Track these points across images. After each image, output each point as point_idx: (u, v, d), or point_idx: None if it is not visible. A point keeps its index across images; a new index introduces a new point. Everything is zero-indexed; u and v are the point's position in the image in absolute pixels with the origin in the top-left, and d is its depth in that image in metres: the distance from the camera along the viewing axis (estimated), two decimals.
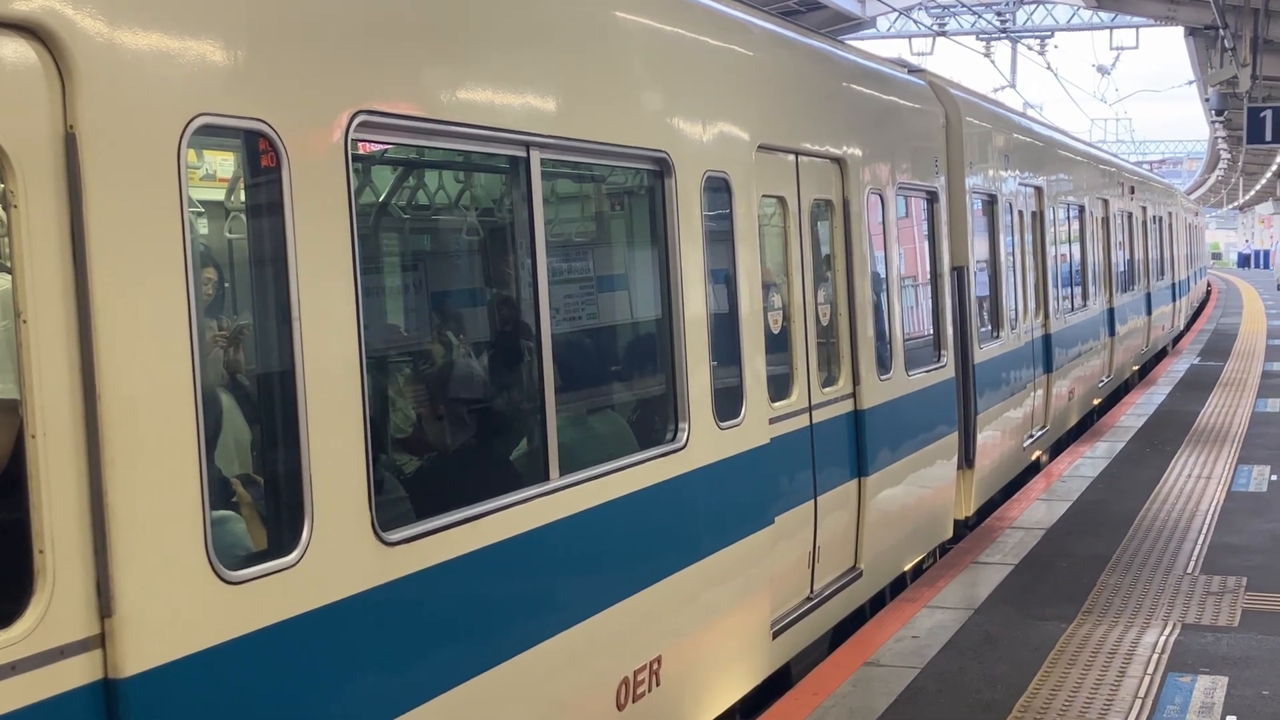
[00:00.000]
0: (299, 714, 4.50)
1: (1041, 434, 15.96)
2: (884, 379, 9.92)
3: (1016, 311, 14.78)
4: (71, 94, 3.78)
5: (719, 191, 7.52)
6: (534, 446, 6.09)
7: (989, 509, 13.50)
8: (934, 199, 11.74)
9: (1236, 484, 14.29)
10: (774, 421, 8.07)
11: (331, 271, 4.67)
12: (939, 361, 11.55)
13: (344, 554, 4.67)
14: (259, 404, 4.84)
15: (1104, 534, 12.05)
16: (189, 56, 4.15)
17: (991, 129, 13.96)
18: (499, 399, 6.47)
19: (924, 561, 11.35)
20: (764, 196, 8.22)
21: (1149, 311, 27.36)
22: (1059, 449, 17.38)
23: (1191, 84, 35.85)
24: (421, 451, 6.17)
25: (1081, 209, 19.54)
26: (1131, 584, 10.32)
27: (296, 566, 4.46)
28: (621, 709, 6.44)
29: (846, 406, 9.33)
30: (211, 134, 4.35)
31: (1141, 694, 7.91)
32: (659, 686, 6.73)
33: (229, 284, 5.15)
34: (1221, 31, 21.75)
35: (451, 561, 5.20)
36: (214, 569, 4.14)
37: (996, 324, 13.92)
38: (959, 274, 12.30)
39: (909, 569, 10.84)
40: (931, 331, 11.78)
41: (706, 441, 7.20)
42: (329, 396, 4.62)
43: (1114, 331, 22.15)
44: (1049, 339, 16.24)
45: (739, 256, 7.68)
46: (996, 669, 8.43)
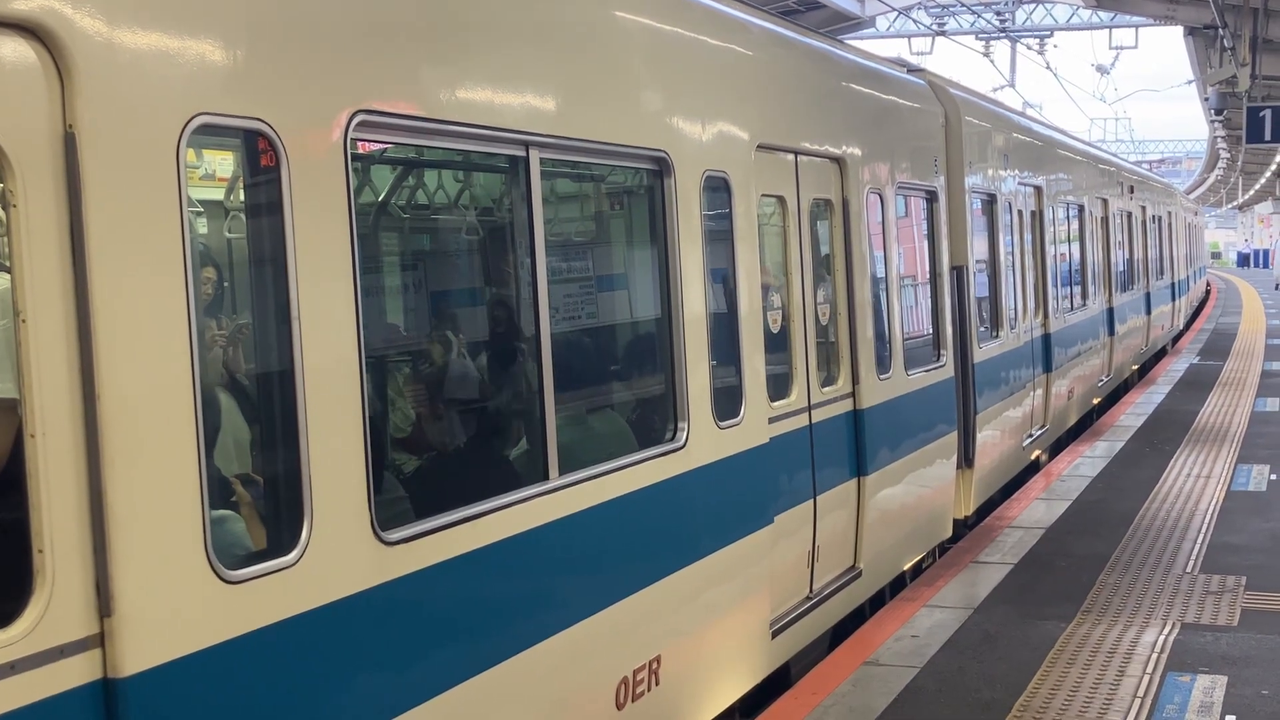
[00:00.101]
0: (299, 713, 4.50)
1: (1041, 433, 15.97)
2: (883, 378, 9.93)
3: (1016, 311, 14.78)
4: (71, 93, 3.78)
5: (718, 191, 7.53)
6: (533, 446, 6.09)
7: (988, 508, 13.50)
8: (933, 198, 11.74)
9: (1236, 483, 14.29)
10: (773, 421, 8.07)
11: (331, 271, 4.67)
12: (938, 361, 11.56)
13: (343, 553, 4.67)
14: (258, 403, 4.84)
15: (1103, 533, 12.06)
16: (188, 56, 4.15)
17: (991, 128, 13.96)
18: (498, 398, 6.47)
19: (923, 561, 11.35)
20: (763, 196, 8.22)
21: (1148, 311, 27.36)
22: (1058, 448, 17.38)
23: (1191, 83, 35.85)
24: (421, 451, 6.17)
25: (1081, 208, 19.54)
26: (1131, 583, 10.33)
27: (296, 566, 4.46)
28: (621, 708, 6.44)
29: (846, 406, 9.33)
30: (211, 133, 4.35)
31: (1141, 693, 7.91)
32: (658, 686, 6.73)
33: (228, 283, 5.14)
34: (1221, 31, 21.75)
35: (451, 561, 5.20)
36: (213, 568, 4.14)
37: (996, 323, 13.92)
38: (958, 273, 12.30)
39: (908, 568, 10.84)
40: (931, 331, 11.78)
41: (706, 441, 7.20)
42: (328, 396, 4.62)
43: (1113, 331, 22.15)
44: (1048, 338, 16.25)
45: (738, 256, 7.69)
46: (996, 668, 8.43)
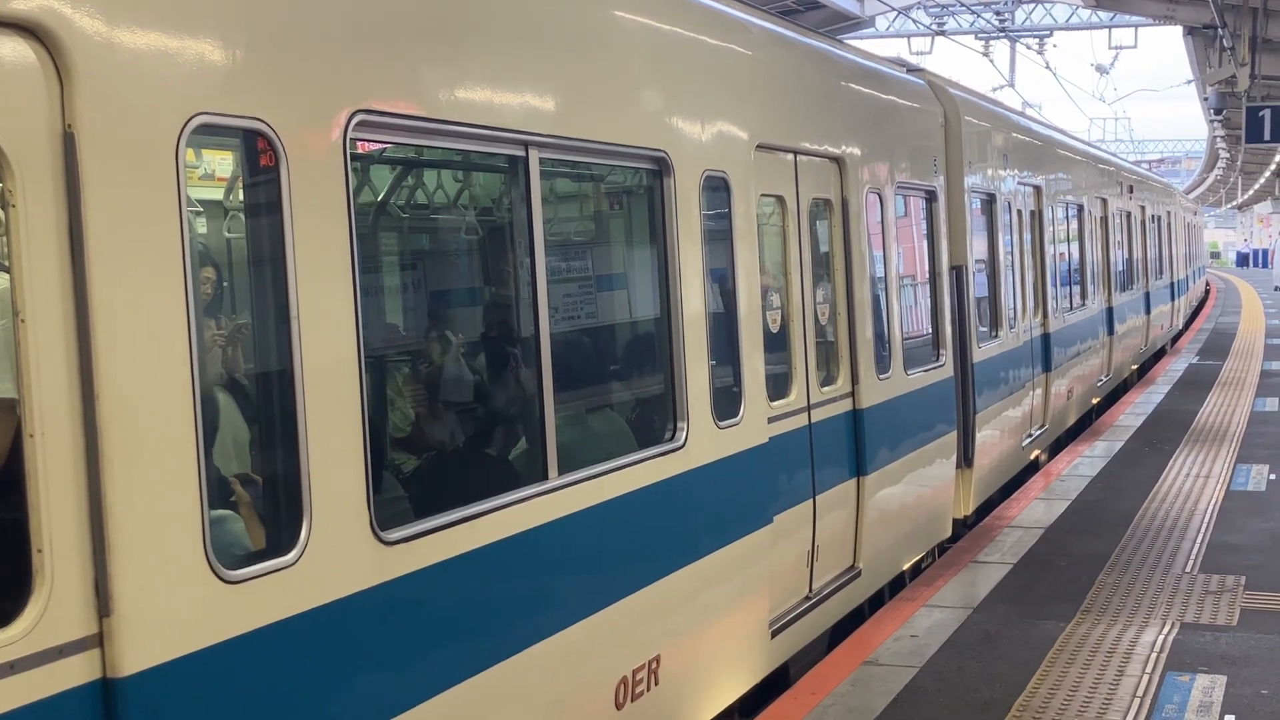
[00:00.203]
0: (298, 713, 4.50)
1: (1040, 433, 15.97)
2: (883, 378, 9.93)
3: (1015, 311, 14.79)
4: (70, 93, 3.78)
5: (718, 191, 7.53)
6: (532, 445, 6.09)
7: (988, 508, 13.51)
8: (933, 198, 11.74)
9: (1235, 483, 14.30)
10: (773, 421, 8.07)
11: (330, 271, 4.67)
12: (938, 361, 11.56)
13: (342, 553, 4.67)
14: (258, 403, 4.84)
15: (1103, 533, 12.06)
16: (187, 56, 4.15)
17: (990, 128, 13.96)
18: (497, 398, 6.46)
19: (923, 560, 11.35)
20: (763, 196, 8.22)
21: (1147, 310, 27.37)
22: (1058, 448, 17.39)
23: (1190, 83, 35.83)
24: (420, 450, 6.17)
25: (1080, 208, 19.55)
26: (1130, 583, 10.33)
27: (295, 566, 4.45)
28: (620, 708, 6.44)
29: (845, 406, 9.33)
30: (210, 133, 4.35)
31: (1140, 693, 7.91)
32: (658, 686, 6.73)
33: (228, 283, 5.14)
34: (1220, 31, 21.74)
35: (450, 561, 5.20)
36: (212, 568, 4.14)
37: (995, 323, 13.92)
38: (958, 273, 12.30)
39: (908, 568, 10.84)
40: (930, 331, 11.78)
41: (705, 441, 7.20)
42: (327, 396, 4.62)
43: (1113, 330, 22.15)
44: (1047, 338, 16.25)
45: (738, 256, 7.69)
46: (995, 668, 8.43)
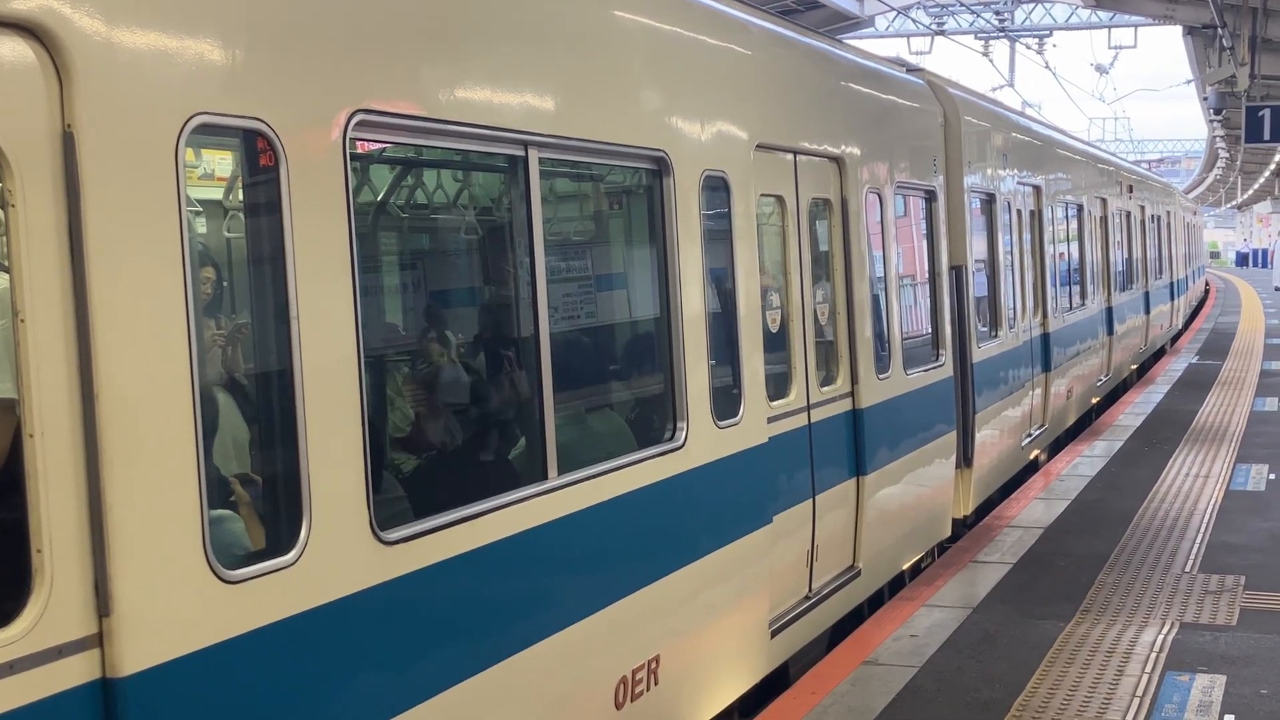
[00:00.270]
0: (297, 713, 4.49)
1: (1040, 433, 15.97)
2: (882, 378, 9.93)
3: (1015, 310, 14.79)
4: (69, 93, 3.78)
5: (717, 190, 7.52)
6: (532, 445, 6.09)
7: (987, 508, 13.51)
8: (932, 198, 11.74)
9: (1235, 483, 14.30)
10: (772, 420, 8.07)
11: (330, 270, 4.67)
12: (937, 360, 11.56)
13: (342, 553, 4.67)
14: (257, 403, 4.83)
15: (1102, 533, 12.06)
16: (187, 56, 4.15)
17: (990, 128, 13.96)
18: (497, 398, 6.46)
19: (922, 560, 11.35)
20: (762, 195, 8.22)
21: (1147, 310, 27.37)
22: (1057, 448, 17.39)
23: (1190, 83, 35.84)
24: (419, 450, 6.17)
25: (1080, 208, 19.55)
26: (1130, 583, 10.33)
27: (295, 566, 4.45)
28: (620, 708, 6.44)
29: (845, 405, 9.33)
30: (209, 133, 4.35)
31: (1140, 692, 7.91)
32: (657, 685, 6.73)
33: (227, 283, 5.14)
34: (1220, 30, 21.74)
35: (450, 560, 5.20)
36: (212, 568, 4.14)
37: (995, 323, 13.92)
38: (957, 273, 12.30)
39: (907, 568, 10.84)
40: (930, 330, 11.78)
41: (705, 441, 7.20)
42: (327, 395, 4.62)
43: (1112, 330, 22.15)
44: (1047, 338, 16.25)
45: (737, 255, 7.69)
46: (995, 667, 8.43)
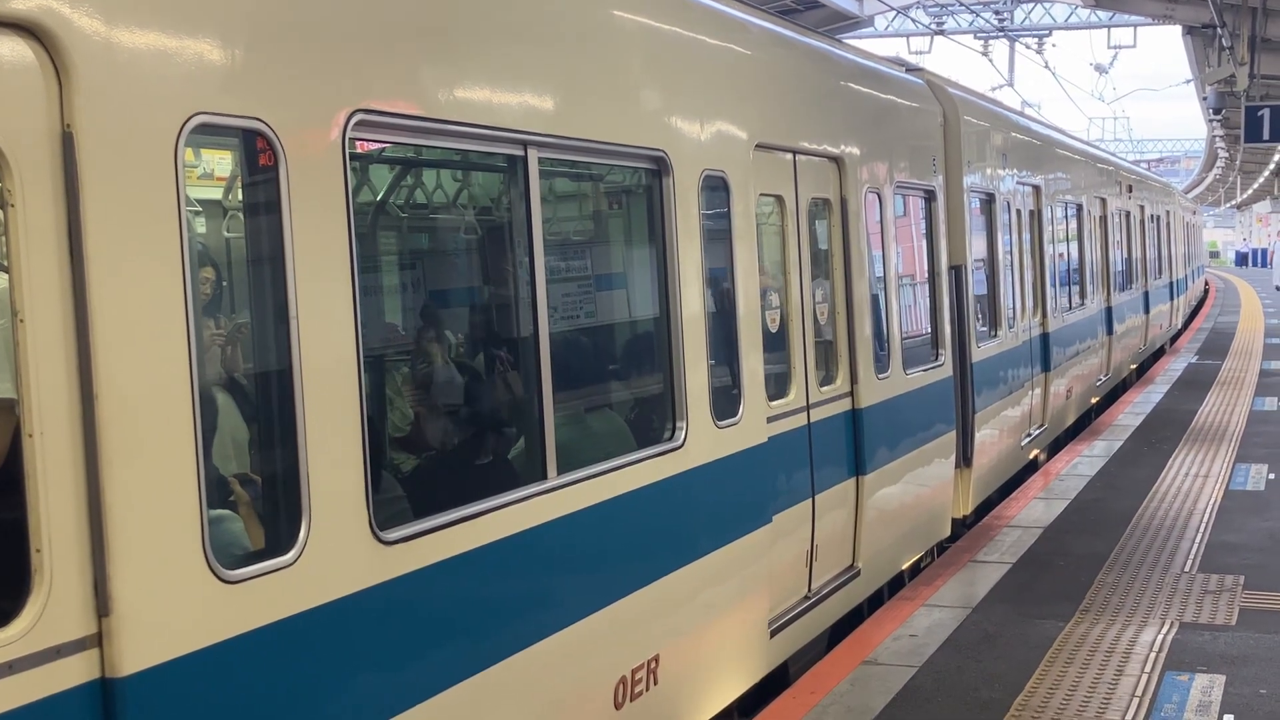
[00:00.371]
0: (297, 713, 4.49)
1: (1039, 432, 15.97)
2: (882, 378, 9.93)
3: (1014, 310, 14.79)
4: (68, 93, 3.78)
5: (717, 190, 7.52)
6: (531, 445, 6.09)
7: (987, 508, 13.51)
8: (932, 198, 11.74)
9: (1234, 482, 14.30)
10: (772, 420, 8.07)
11: (329, 270, 4.67)
12: (937, 360, 11.56)
13: (341, 553, 4.67)
14: (257, 403, 4.83)
15: (1102, 532, 12.06)
16: (186, 55, 4.15)
17: (989, 128, 13.96)
18: (496, 397, 6.46)
19: (922, 560, 11.35)
20: (762, 195, 8.22)
21: (1147, 310, 27.37)
22: (1057, 447, 17.39)
23: (1189, 83, 35.83)
24: (419, 450, 6.16)
25: (1079, 208, 19.55)
26: (1129, 582, 10.33)
27: (294, 565, 4.45)
28: (619, 708, 6.44)
29: (844, 405, 9.33)
30: (209, 133, 4.35)
31: (1139, 692, 7.91)
32: (657, 685, 6.73)
33: (227, 283, 5.14)
34: (1219, 30, 21.74)
35: (449, 560, 5.20)
36: (211, 568, 4.14)
37: (994, 323, 13.92)
38: (957, 273, 12.30)
39: (907, 567, 10.84)
40: (929, 330, 11.78)
41: (704, 440, 7.20)
42: (327, 395, 4.62)
43: (1112, 330, 22.15)
44: (1047, 338, 16.25)
45: (737, 255, 7.69)
46: (994, 667, 8.43)
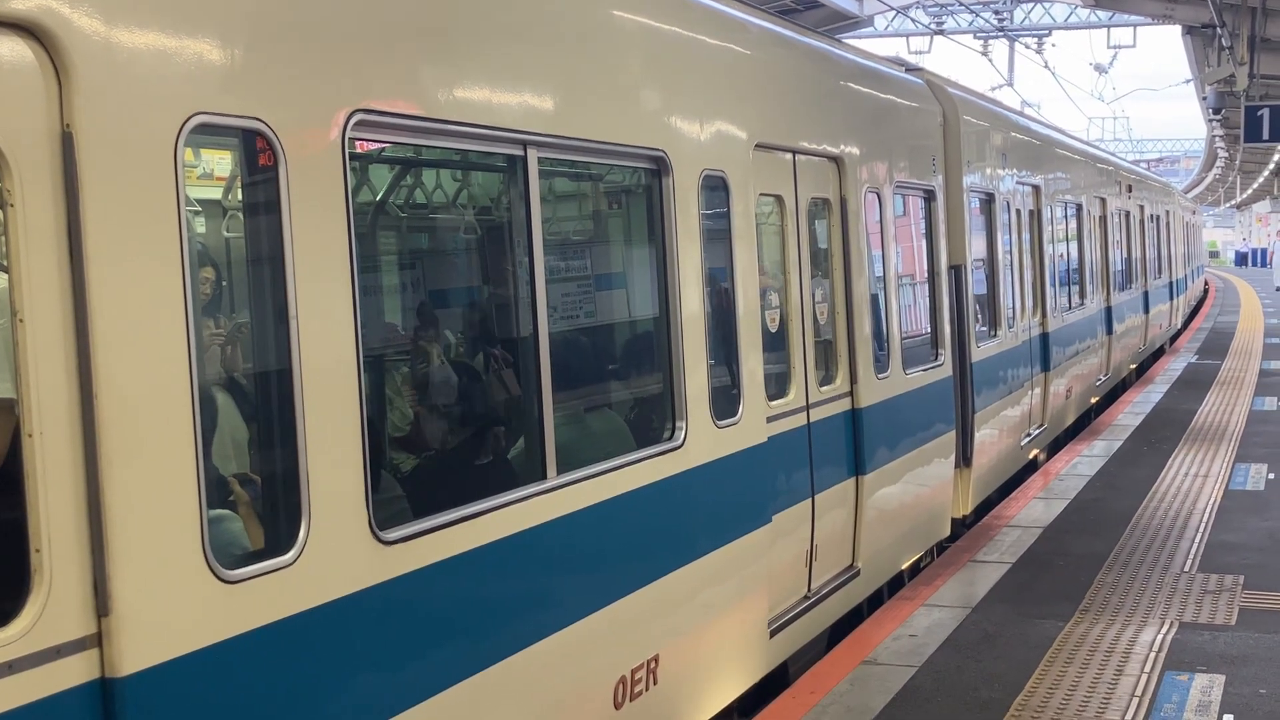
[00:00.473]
0: (297, 713, 4.49)
1: (1039, 432, 15.97)
2: (881, 378, 9.93)
3: (1014, 310, 14.79)
4: (68, 93, 3.78)
5: (716, 190, 7.52)
6: (531, 445, 6.09)
7: (986, 507, 13.51)
8: (931, 197, 11.74)
9: (1234, 482, 14.30)
10: (771, 420, 8.07)
11: (329, 270, 4.67)
12: (936, 360, 11.56)
13: (341, 553, 4.67)
14: (256, 403, 4.83)
15: (1101, 532, 12.06)
16: (186, 55, 4.15)
17: (989, 127, 13.96)
18: (496, 397, 6.47)
19: (921, 560, 11.35)
20: (761, 195, 8.22)
21: (1146, 310, 27.37)
22: (1056, 447, 17.39)
23: (1189, 82, 35.83)
24: (418, 450, 6.17)
25: (1079, 207, 19.55)
26: (1129, 582, 10.33)
27: (294, 565, 4.45)
28: (619, 708, 6.44)
29: (844, 405, 9.33)
30: (208, 133, 4.35)
31: (1139, 692, 7.91)
32: (656, 685, 6.73)
33: (226, 283, 5.14)
34: (1219, 30, 21.74)
35: (449, 560, 5.20)
36: (211, 568, 4.14)
37: (994, 322, 13.92)
38: (956, 273, 12.30)
39: (906, 567, 10.84)
40: (929, 330, 11.78)
41: (704, 440, 7.20)
42: (326, 395, 4.62)
43: (1111, 330, 22.16)
44: (1046, 337, 16.25)
45: (736, 255, 7.69)
46: (994, 667, 8.43)
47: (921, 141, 11.56)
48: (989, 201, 13.84)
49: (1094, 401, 20.96)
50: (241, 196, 4.84)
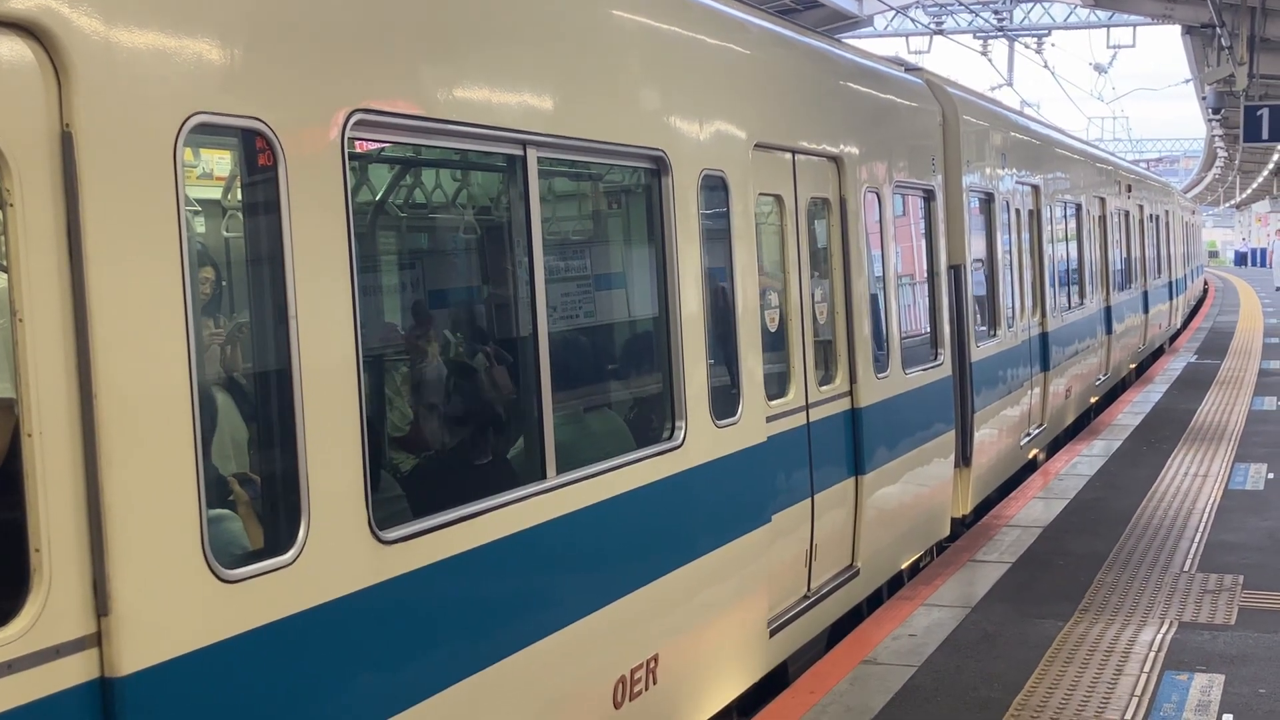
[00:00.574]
0: (296, 713, 4.50)
1: (1039, 432, 15.97)
2: (881, 377, 9.93)
3: (1013, 310, 14.79)
4: (68, 93, 3.78)
5: (716, 190, 7.53)
6: (531, 445, 6.09)
7: (986, 507, 13.51)
8: (931, 197, 11.74)
9: (1233, 482, 14.30)
10: (771, 420, 8.07)
11: (328, 270, 4.67)
12: (936, 360, 11.56)
13: (341, 552, 4.67)
14: (256, 403, 4.83)
15: (1101, 532, 12.06)
16: (185, 55, 4.15)
17: (989, 127, 13.96)
18: (495, 397, 6.47)
19: (921, 560, 11.35)
20: (761, 195, 8.22)
21: (1146, 310, 27.37)
22: (1056, 447, 17.39)
23: (1188, 82, 35.82)
24: (418, 450, 6.17)
25: (1079, 207, 19.55)
26: (1128, 582, 10.33)
27: (293, 565, 4.45)
28: (619, 707, 6.44)
29: (843, 405, 9.33)
30: (208, 133, 4.35)
31: (1138, 692, 7.92)
32: (656, 685, 6.73)
33: (226, 283, 5.14)
34: (1218, 30, 21.74)
35: (448, 560, 5.20)
36: (210, 568, 4.14)
37: (993, 322, 13.92)
38: (956, 272, 12.30)
39: (906, 567, 10.84)
40: (928, 330, 11.78)
41: (703, 440, 7.20)
42: (326, 395, 4.62)
43: (1111, 330, 22.16)
44: (1046, 337, 16.25)
45: (736, 255, 7.69)
46: (994, 667, 8.43)
47: (921, 141, 11.56)
48: (988, 201, 13.84)
49: (1093, 401, 20.96)
50: (241, 196, 4.84)
